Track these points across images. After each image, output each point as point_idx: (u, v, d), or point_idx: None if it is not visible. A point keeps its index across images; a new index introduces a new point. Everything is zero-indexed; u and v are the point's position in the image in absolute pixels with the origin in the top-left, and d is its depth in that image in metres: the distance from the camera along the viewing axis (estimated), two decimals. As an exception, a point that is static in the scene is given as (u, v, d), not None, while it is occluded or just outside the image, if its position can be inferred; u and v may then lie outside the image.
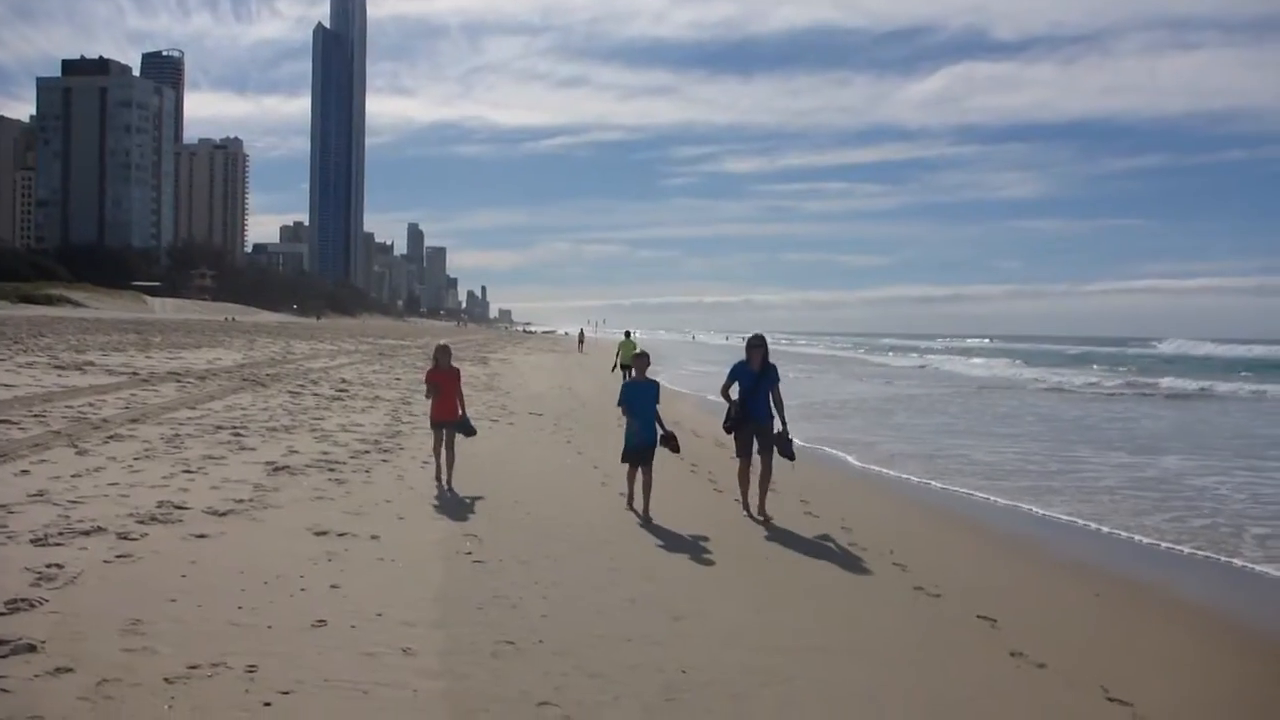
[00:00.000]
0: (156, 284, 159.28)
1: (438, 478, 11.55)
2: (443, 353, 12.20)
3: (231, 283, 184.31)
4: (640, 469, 10.35)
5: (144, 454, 12.24)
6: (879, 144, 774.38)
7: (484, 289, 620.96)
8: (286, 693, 5.08)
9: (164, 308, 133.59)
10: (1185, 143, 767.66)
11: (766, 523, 10.17)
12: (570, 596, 7.18)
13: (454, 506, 10.22)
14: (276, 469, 11.82)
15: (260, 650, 5.65)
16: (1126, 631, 7.26)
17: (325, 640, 5.94)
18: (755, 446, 10.56)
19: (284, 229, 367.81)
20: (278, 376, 27.10)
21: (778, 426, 10.60)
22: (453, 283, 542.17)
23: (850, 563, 8.71)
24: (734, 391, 10.62)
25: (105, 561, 7.32)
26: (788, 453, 10.52)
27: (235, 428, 15.32)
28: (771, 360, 10.70)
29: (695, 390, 30.99)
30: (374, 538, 8.56)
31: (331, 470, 12.01)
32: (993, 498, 13.10)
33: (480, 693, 5.29)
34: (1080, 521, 11.54)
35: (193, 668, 5.32)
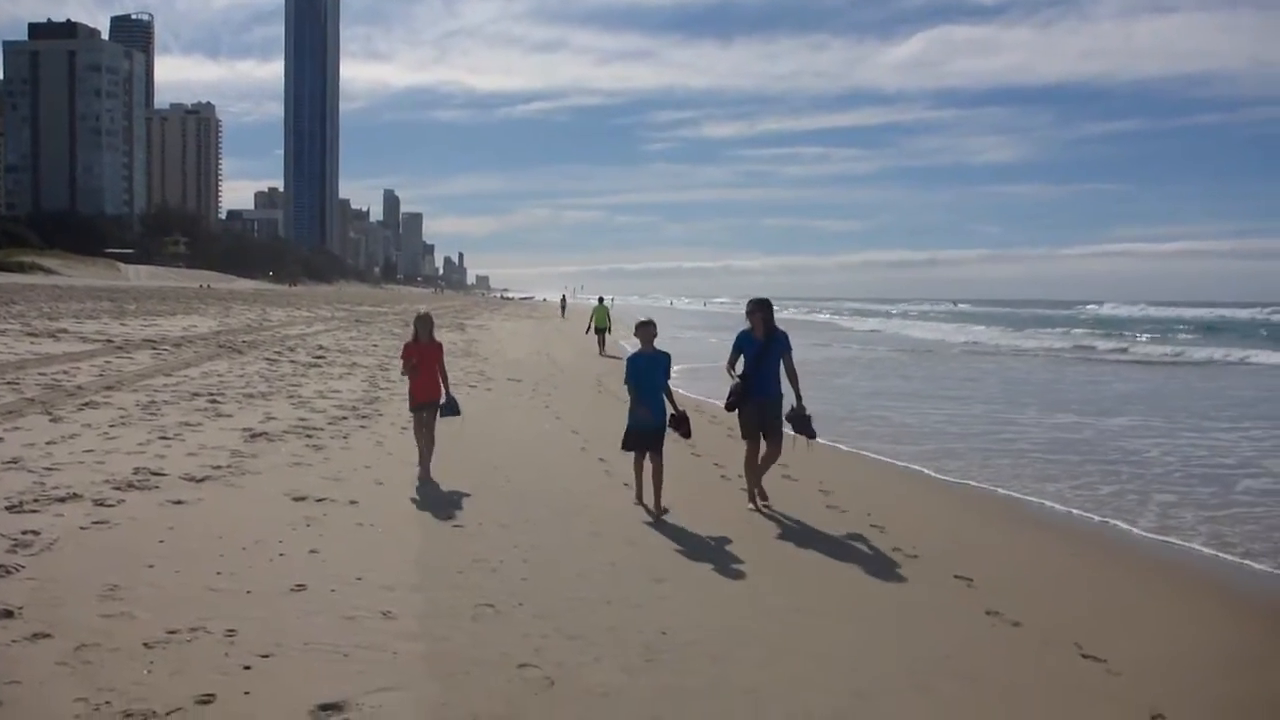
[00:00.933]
0: (130, 251, 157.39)
1: (420, 464, 10.03)
2: (423, 324, 10.31)
3: (206, 250, 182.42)
4: (648, 456, 8.98)
5: (120, 421, 12.14)
6: (857, 108, 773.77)
7: (461, 255, 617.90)
8: (266, 656, 5.08)
9: (138, 275, 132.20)
10: (1161, 106, 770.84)
11: (768, 505, 9.23)
12: (550, 560, 7.20)
13: (434, 473, 10.20)
14: (254, 435, 11.76)
15: (239, 614, 5.64)
16: (1098, 591, 7.35)
17: (305, 604, 5.94)
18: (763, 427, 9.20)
19: (259, 195, 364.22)
20: (254, 343, 26.91)
21: (791, 403, 9.35)
22: (429, 249, 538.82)
23: (829, 524, 8.77)
24: (741, 366, 9.38)
25: (82, 528, 7.27)
26: (807, 430, 9.25)
27: (212, 394, 15.21)
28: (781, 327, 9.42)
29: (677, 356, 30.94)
30: (353, 503, 8.54)
31: (309, 436, 11.96)
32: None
33: (460, 655, 5.31)
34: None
35: (171, 632, 5.31)
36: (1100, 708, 5.05)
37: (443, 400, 10.15)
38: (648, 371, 8.97)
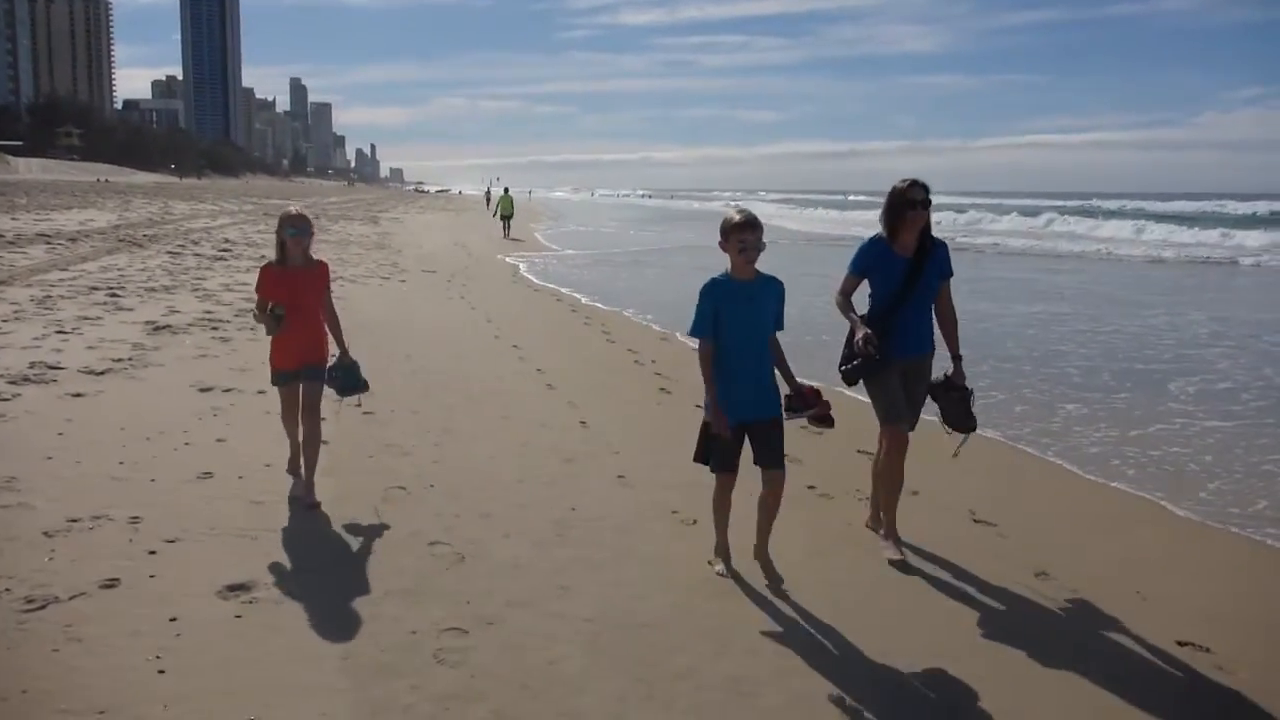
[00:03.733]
0: (18, 143, 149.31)
1: (291, 469, 6.21)
2: (293, 230, 5.76)
3: (101, 142, 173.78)
4: (762, 475, 4.93)
5: (13, 316, 11.70)
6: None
7: (374, 147, 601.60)
8: (172, 541, 5.05)
9: (29, 168, 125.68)
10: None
11: (897, 551, 5.39)
12: (462, 443, 7.23)
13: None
14: (157, 328, 11.46)
15: (143, 502, 5.58)
16: (990, 470, 7.64)
17: (211, 490, 5.89)
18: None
19: (156, 84, 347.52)
20: (156, 237, 25.99)
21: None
22: (340, 141, 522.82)
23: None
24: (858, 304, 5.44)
25: (-26, 422, 7.06)
26: (965, 417, 5.52)
27: (111, 289, 14.72)
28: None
29: (617, 254, 30.75)
30: (261, 392, 8.39)
31: (215, 329, 11.69)
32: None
33: (372, 535, 5.34)
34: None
35: (72, 521, 5.23)
36: (996, 563, 5.30)
37: (331, 364, 6.01)
38: (746, 315, 4.79)
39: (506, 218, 35.99)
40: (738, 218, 4.75)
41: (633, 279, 22.13)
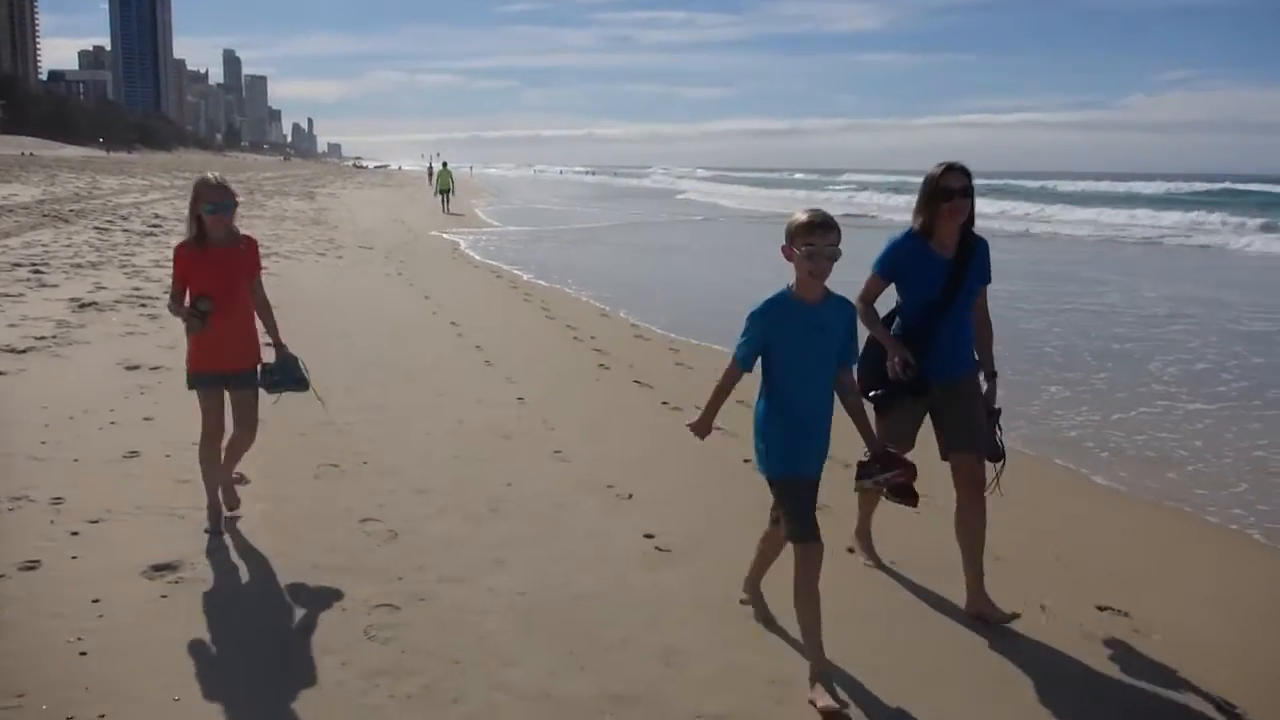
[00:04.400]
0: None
1: (211, 505, 5.03)
2: (210, 207, 4.78)
3: (26, 114, 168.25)
4: (795, 549, 3.86)
5: (-70, 293, 11.34)
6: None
7: (310, 121, 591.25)
8: (95, 521, 4.95)
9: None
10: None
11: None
12: (397, 420, 7.16)
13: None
14: (83, 305, 11.18)
15: (66, 482, 5.46)
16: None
17: (137, 470, 5.78)
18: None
19: (83, 54, 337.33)
20: (83, 212, 25.31)
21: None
22: (276, 115, 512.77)
23: (667, 368, 8.96)
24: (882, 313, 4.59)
25: (-112, 402, 6.84)
26: (992, 448, 4.63)
27: (35, 265, 14.31)
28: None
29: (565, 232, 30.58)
30: (190, 370, 8.25)
31: (144, 306, 11.45)
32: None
33: (301, 512, 5.28)
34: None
35: (-9, 502, 5.10)
36: (927, 534, 5.39)
37: (265, 363, 5.13)
38: (810, 347, 3.72)
39: (445, 192, 36.63)
40: (804, 217, 3.59)
41: (573, 256, 22.07)
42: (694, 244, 26.77)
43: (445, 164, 39.38)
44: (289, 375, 5.20)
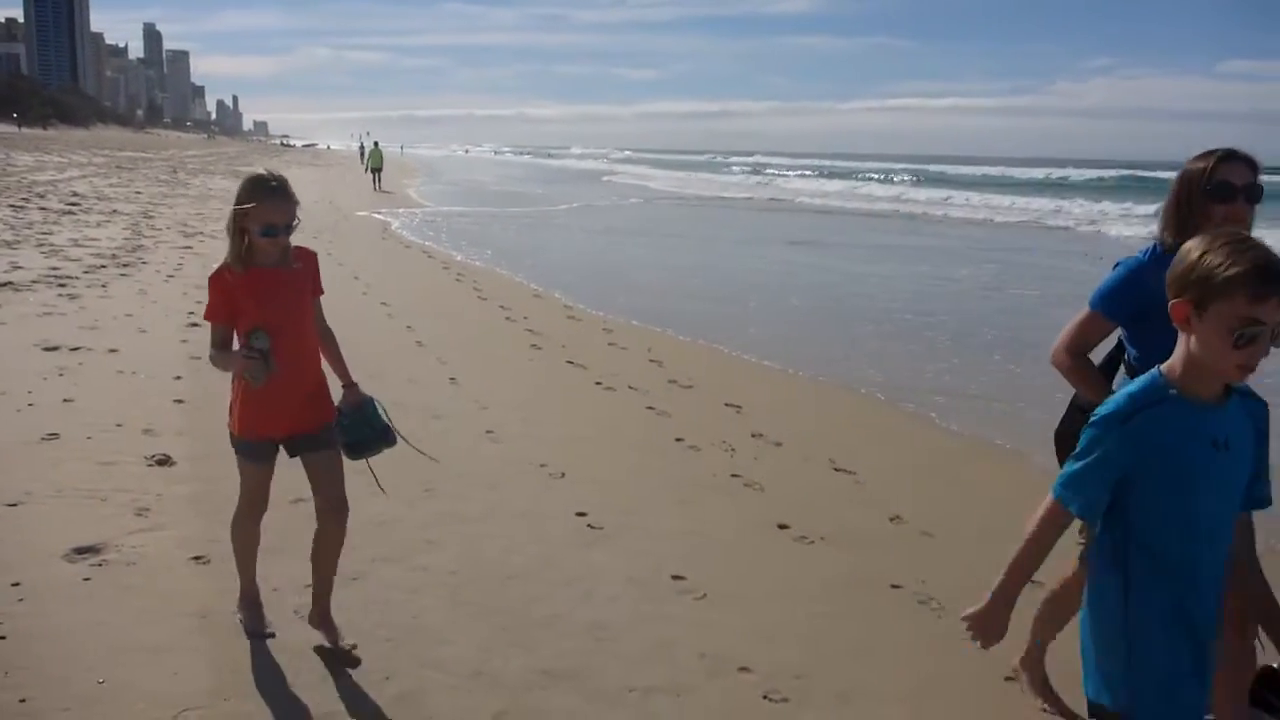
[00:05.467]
0: None
1: (247, 595, 3.93)
2: (276, 223, 3.49)
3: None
4: None
5: None
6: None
7: (236, 99, 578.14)
8: (14, 505, 4.84)
9: None
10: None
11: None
12: (327, 401, 7.08)
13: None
14: (-2, 285, 10.85)
15: (-18, 465, 5.32)
16: (845, 415, 7.91)
17: (57, 452, 5.65)
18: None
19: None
20: (-4, 189, 24.48)
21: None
22: (199, 91, 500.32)
23: (612, 361, 8.99)
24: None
25: None
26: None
27: (-55, 243, 13.84)
28: None
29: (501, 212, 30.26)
30: (112, 351, 8.07)
31: (62, 286, 11.13)
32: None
33: (231, 495, 5.11)
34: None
35: (-97, 486, 4.95)
36: (854, 509, 5.52)
37: (345, 411, 3.95)
38: (1213, 477, 2.06)
39: (376, 170, 37.75)
40: (1242, 263, 1.92)
41: (505, 236, 21.95)
42: (624, 225, 26.78)
43: (376, 143, 40.75)
44: (368, 427, 3.89)
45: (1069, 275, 16.87)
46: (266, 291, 3.51)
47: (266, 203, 3.40)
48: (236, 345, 3.54)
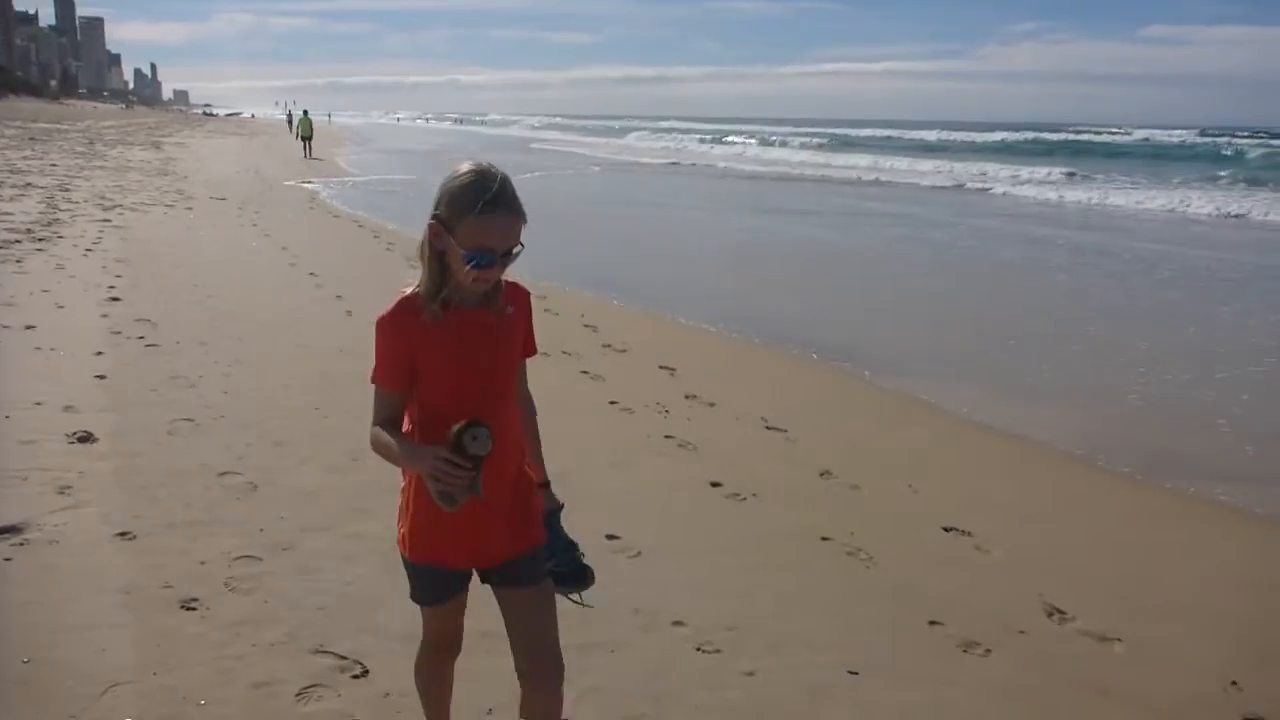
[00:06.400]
0: None
1: None
2: (492, 248, 2.19)
3: None
4: None
5: None
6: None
7: (154, 67, 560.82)
8: (-72, 487, 4.70)
9: None
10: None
11: None
12: (255, 373, 6.98)
13: (131, 294, 9.45)
14: (-96, 263, 10.46)
15: (-107, 447, 5.15)
16: (778, 375, 8.01)
17: (-27, 432, 5.49)
18: None
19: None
20: (-99, 164, 23.53)
21: None
22: (115, 59, 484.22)
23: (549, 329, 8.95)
24: None
25: None
26: None
27: None
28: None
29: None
30: (29, 328, 7.84)
31: (-26, 261, 10.77)
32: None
33: (155, 469, 5.11)
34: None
35: None
36: (785, 465, 5.60)
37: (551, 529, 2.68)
38: None
39: (306, 138, 38.52)
40: None
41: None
42: (557, 190, 26.62)
43: (305, 111, 41.92)
44: (571, 564, 2.70)
45: (985, 234, 17.20)
46: (468, 348, 2.33)
47: (482, 217, 2.17)
48: (406, 423, 2.40)
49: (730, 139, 65.52)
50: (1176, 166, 41.56)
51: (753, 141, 61.62)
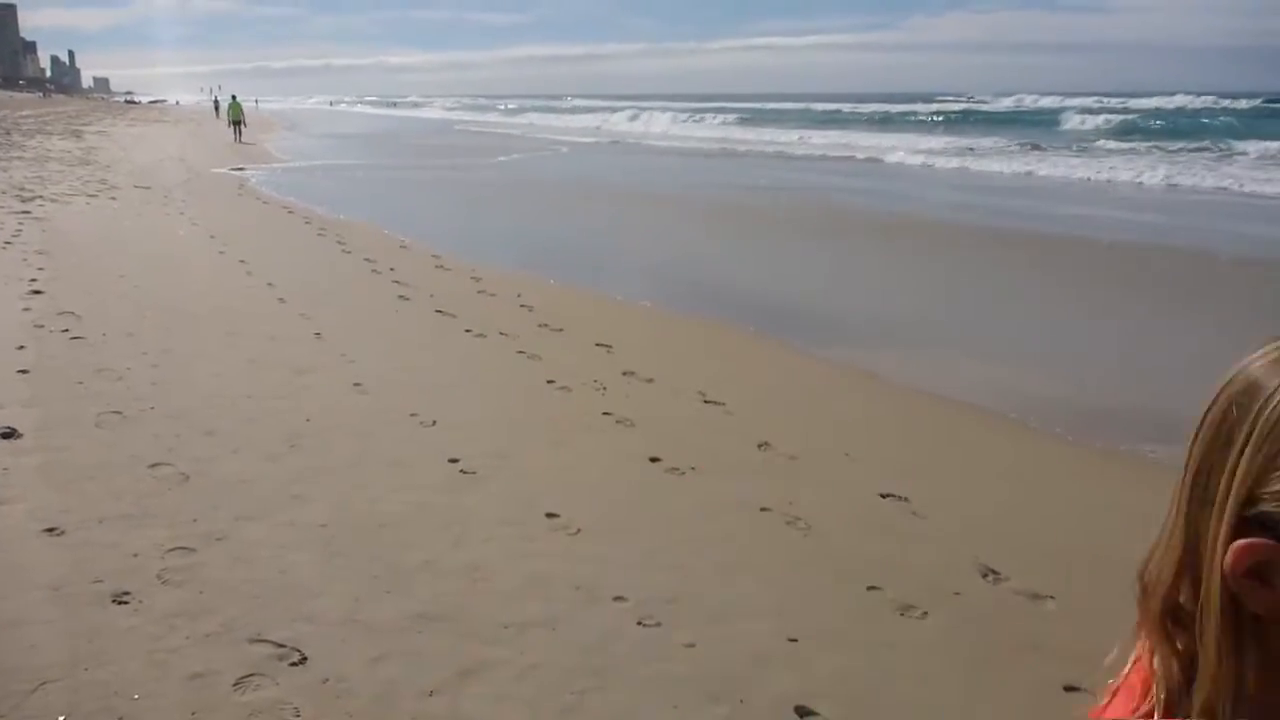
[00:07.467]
0: None
1: None
2: None
3: None
4: None
5: None
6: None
7: (72, 54, 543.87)
8: None
9: None
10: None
11: None
12: (183, 363, 6.83)
13: (53, 286, 9.19)
14: None
15: None
16: (715, 349, 8.05)
17: (-111, 431, 5.31)
18: None
19: None
20: None
21: None
22: (30, 47, 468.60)
23: (481, 303, 8.90)
24: None
25: None
26: None
27: None
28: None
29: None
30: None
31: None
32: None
33: (83, 462, 4.99)
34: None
35: None
36: (723, 438, 5.63)
37: None
38: None
39: (237, 123, 39.53)
40: None
41: (369, 189, 21.42)
42: (483, 175, 26.42)
43: (234, 96, 43.07)
44: None
45: (890, 196, 17.41)
46: None
47: None
48: None
49: (652, 114, 66.31)
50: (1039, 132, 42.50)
51: (683, 117, 62.85)
